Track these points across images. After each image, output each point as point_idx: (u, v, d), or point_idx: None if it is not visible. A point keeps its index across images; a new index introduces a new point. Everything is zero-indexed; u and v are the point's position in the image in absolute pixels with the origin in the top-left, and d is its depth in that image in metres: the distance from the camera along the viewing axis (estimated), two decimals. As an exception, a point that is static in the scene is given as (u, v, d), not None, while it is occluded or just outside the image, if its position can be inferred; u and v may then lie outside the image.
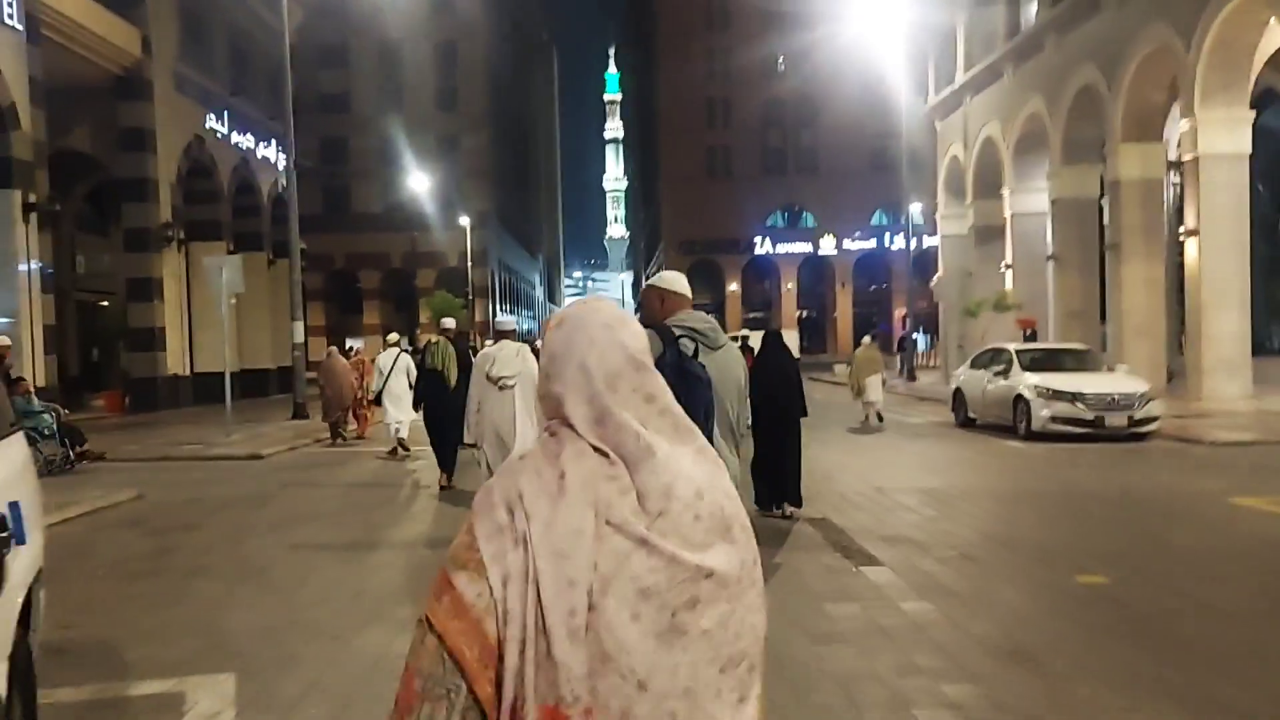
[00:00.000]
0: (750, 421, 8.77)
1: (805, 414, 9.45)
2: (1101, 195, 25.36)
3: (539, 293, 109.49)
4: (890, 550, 7.64)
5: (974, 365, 17.71)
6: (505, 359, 7.97)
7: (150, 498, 11.10)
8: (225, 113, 28.88)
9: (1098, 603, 6.25)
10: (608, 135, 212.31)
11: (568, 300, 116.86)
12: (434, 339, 11.87)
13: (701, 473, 1.37)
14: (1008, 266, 29.38)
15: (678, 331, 3.85)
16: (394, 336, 16.77)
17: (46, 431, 13.46)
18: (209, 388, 28.17)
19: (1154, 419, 14.67)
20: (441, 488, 11.17)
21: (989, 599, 6.36)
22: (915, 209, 55.36)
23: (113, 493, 10.96)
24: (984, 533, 8.53)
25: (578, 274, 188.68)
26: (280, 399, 25.43)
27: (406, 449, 14.90)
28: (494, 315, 64.77)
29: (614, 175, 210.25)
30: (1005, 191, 29.38)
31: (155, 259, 24.89)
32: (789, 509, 9.06)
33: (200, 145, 27.49)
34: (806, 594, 6.39)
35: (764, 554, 6.36)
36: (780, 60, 67.04)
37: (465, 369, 10.34)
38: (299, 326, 20.00)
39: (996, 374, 16.20)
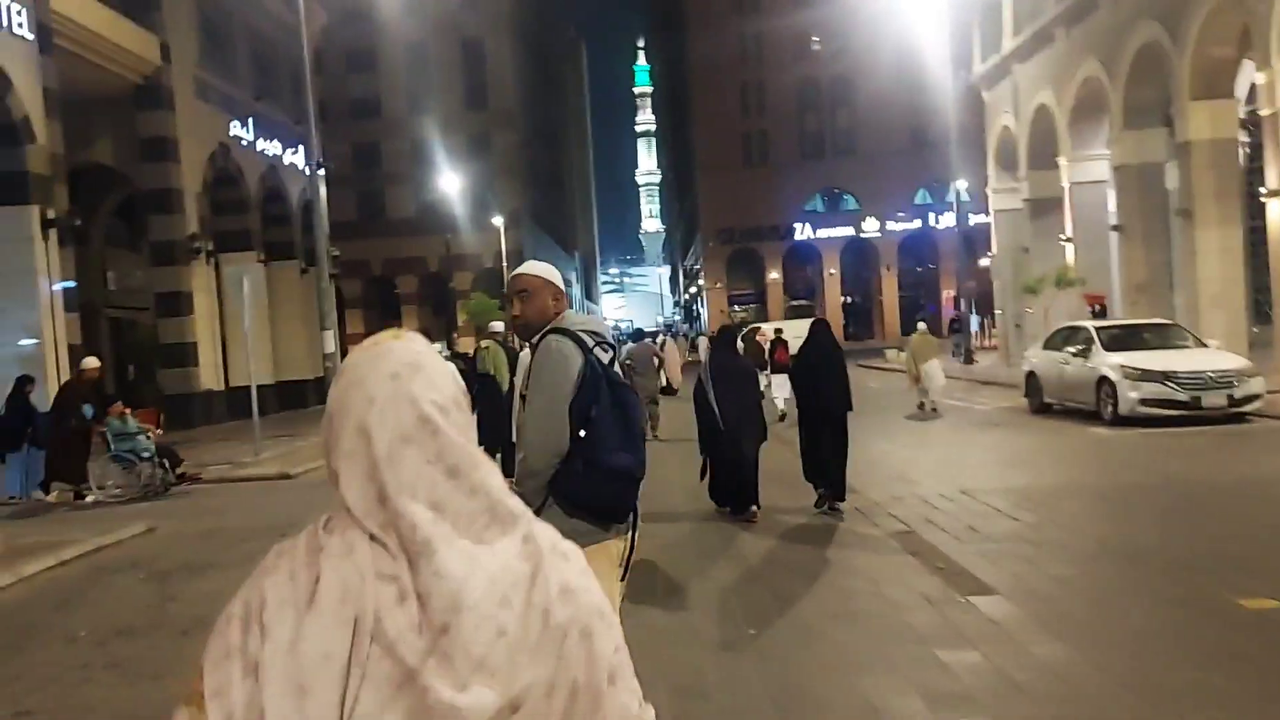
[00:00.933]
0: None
1: (850, 408, 8.90)
2: (1168, 159, 23.87)
3: (576, 290, 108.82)
4: (997, 570, 6.54)
5: (1048, 346, 16.45)
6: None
7: (162, 530, 10.22)
8: (250, 119, 28.19)
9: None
10: (639, 128, 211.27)
11: (605, 298, 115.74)
12: (485, 343, 11.61)
13: (520, 570, 1.05)
14: (1067, 240, 27.91)
15: (590, 341, 3.24)
16: (435, 346, 16.27)
17: (144, 454, 13.03)
18: (245, 402, 27.59)
19: (1256, 397, 13.36)
20: None
21: (1137, 634, 5.23)
22: (961, 186, 54.16)
23: (120, 526, 10.11)
24: (1099, 541, 7.39)
25: (614, 270, 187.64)
26: (319, 410, 24.68)
27: None
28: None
29: (647, 169, 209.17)
30: (1062, 161, 27.91)
31: (184, 272, 24.22)
32: (835, 504, 8.73)
33: (225, 153, 26.82)
34: (910, 637, 5.33)
35: (846, 581, 5.10)
36: (815, 40, 65.49)
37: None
38: (329, 336, 19.18)
39: (1075, 354, 14.93)
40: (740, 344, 10.70)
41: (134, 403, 27.31)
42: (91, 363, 13.01)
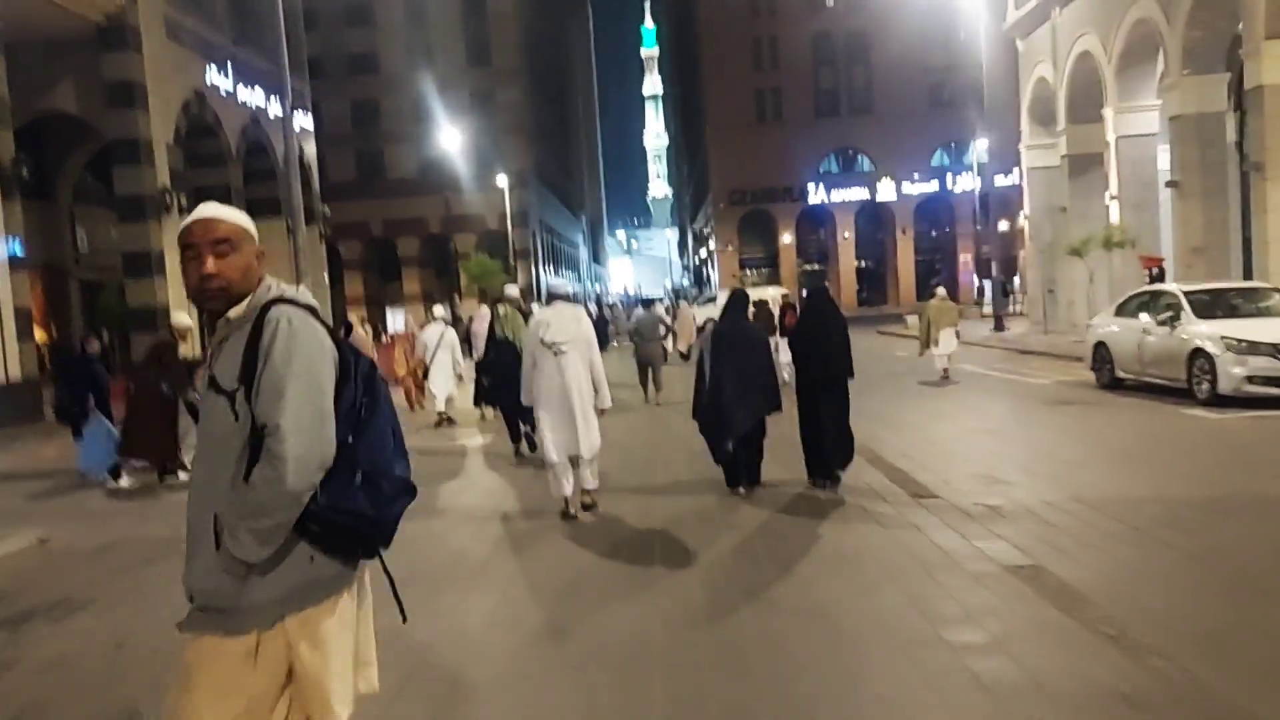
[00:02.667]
0: None
1: (852, 374, 8.59)
2: (1236, 108, 21.70)
3: (583, 254, 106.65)
4: (1199, 656, 4.55)
5: (1121, 313, 14.42)
6: (561, 323, 7.74)
7: (57, 542, 8.12)
8: (229, 66, 26.08)
9: None
10: (646, 92, 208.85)
11: (612, 262, 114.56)
12: (503, 309, 11.75)
13: None
14: (1113, 198, 25.80)
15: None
16: (439, 310, 16.69)
17: None
18: (226, 370, 25.75)
19: (1377, 373, 11.36)
20: (520, 455, 11.17)
21: None
22: (982, 146, 51.75)
23: (5, 536, 8.03)
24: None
25: (620, 234, 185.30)
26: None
27: (452, 420, 15.20)
28: (537, 278, 62.27)
29: (655, 132, 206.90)
30: (1107, 112, 25.71)
31: (154, 229, 22.21)
32: (836, 474, 8.42)
33: (201, 101, 24.74)
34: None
35: (978, 647, 4.18)
36: (831, -5, 62.82)
37: None
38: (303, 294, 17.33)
39: (1160, 323, 12.90)
40: (751, 309, 9.81)
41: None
42: (183, 320, 11.25)
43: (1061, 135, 28.57)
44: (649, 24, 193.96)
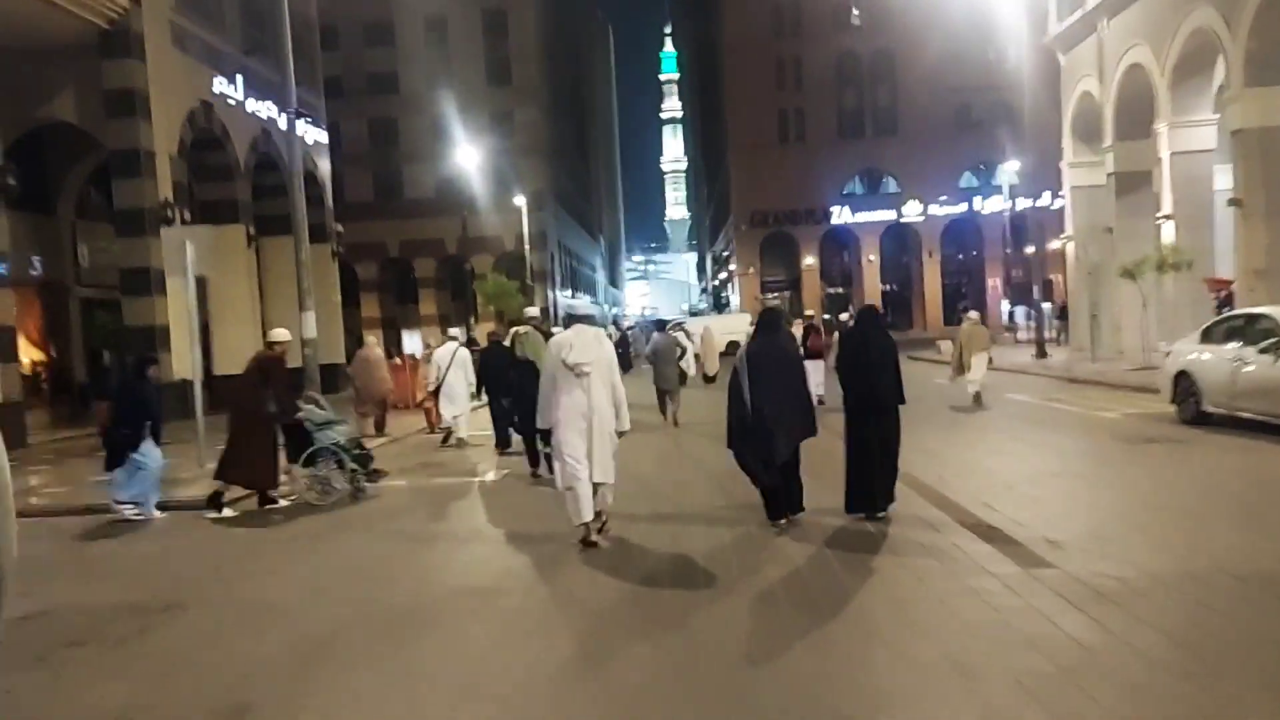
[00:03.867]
0: None
1: (903, 400, 8.24)
2: (1305, 120, 20.29)
3: (600, 276, 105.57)
4: None
5: (1208, 339, 12.99)
6: (583, 344, 7.70)
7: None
8: (239, 76, 25.04)
9: None
10: (665, 115, 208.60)
11: (629, 284, 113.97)
12: (523, 329, 11.77)
13: None
14: (1166, 217, 24.34)
15: None
16: (454, 332, 16.85)
17: (346, 444, 10.73)
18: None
19: None
20: (538, 477, 11.10)
21: None
22: (1012, 168, 50.35)
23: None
24: None
25: (638, 258, 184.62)
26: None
27: (462, 442, 15.21)
28: (554, 302, 61.09)
29: (673, 156, 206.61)
30: (1160, 126, 24.34)
31: (153, 244, 21.02)
32: (885, 511, 8.03)
33: (208, 112, 23.68)
34: None
35: None
36: (855, 15, 61.78)
37: None
38: (309, 319, 16.01)
39: (1263, 351, 11.46)
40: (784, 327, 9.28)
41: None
42: (282, 335, 10.68)
43: (1108, 152, 27.21)
44: (669, 49, 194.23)
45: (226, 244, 25.01)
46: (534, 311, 12.63)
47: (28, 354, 23.54)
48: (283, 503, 10.30)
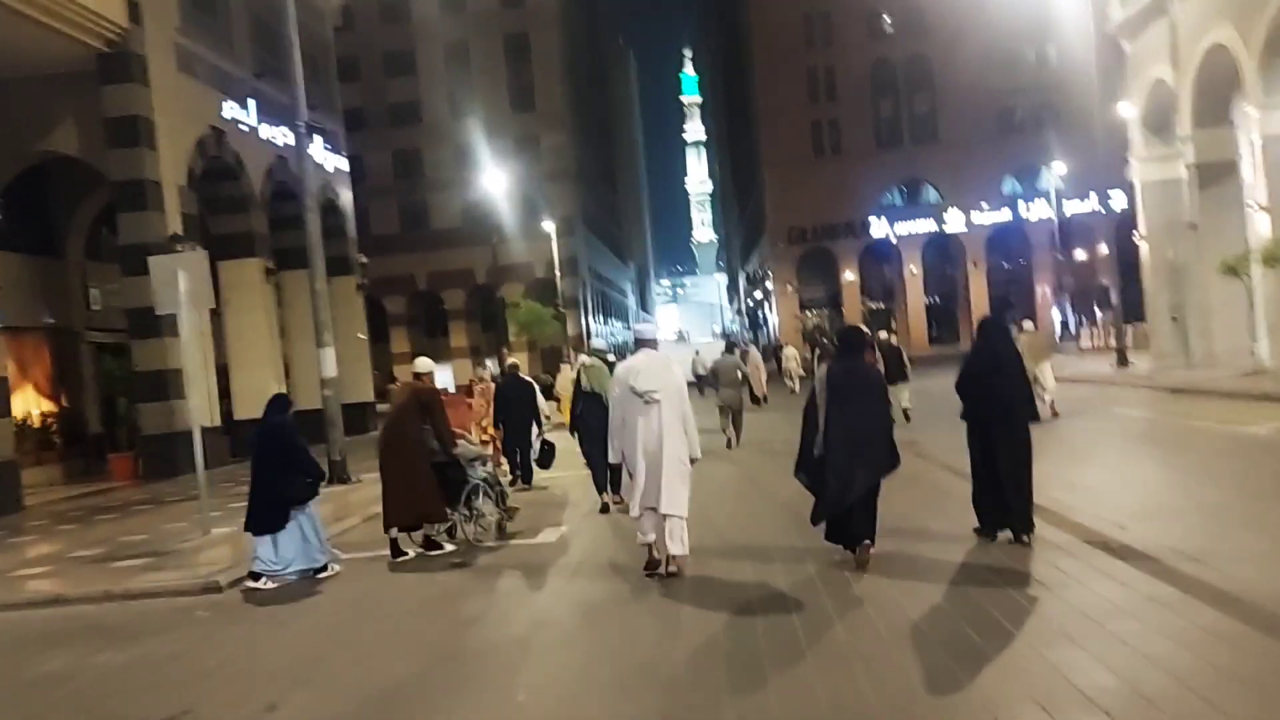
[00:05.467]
0: None
1: (1036, 417, 7.81)
2: None
3: (631, 301, 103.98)
4: None
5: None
6: (651, 371, 7.47)
7: None
8: (250, 101, 23.54)
9: None
10: (688, 138, 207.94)
11: (659, 308, 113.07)
12: (589, 361, 11.75)
13: None
14: (1262, 208, 22.19)
15: None
16: (489, 365, 16.63)
17: (493, 482, 10.02)
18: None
19: None
20: (606, 506, 10.89)
21: None
22: (1060, 171, 48.20)
23: None
24: None
25: (666, 282, 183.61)
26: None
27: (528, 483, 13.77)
28: (586, 328, 59.49)
29: (698, 179, 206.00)
30: (1249, 110, 22.24)
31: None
32: (1023, 537, 7.35)
33: (219, 140, 22.15)
34: None
35: None
36: (888, 22, 60.04)
37: None
38: (328, 356, 14.30)
39: None
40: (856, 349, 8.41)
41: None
42: (426, 365, 9.95)
43: (1187, 142, 25.07)
44: (689, 71, 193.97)
45: (244, 279, 23.55)
46: (600, 344, 12.02)
47: (37, 405, 22.01)
48: (448, 545, 9.39)
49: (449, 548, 9.36)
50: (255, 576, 8.43)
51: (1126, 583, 5.96)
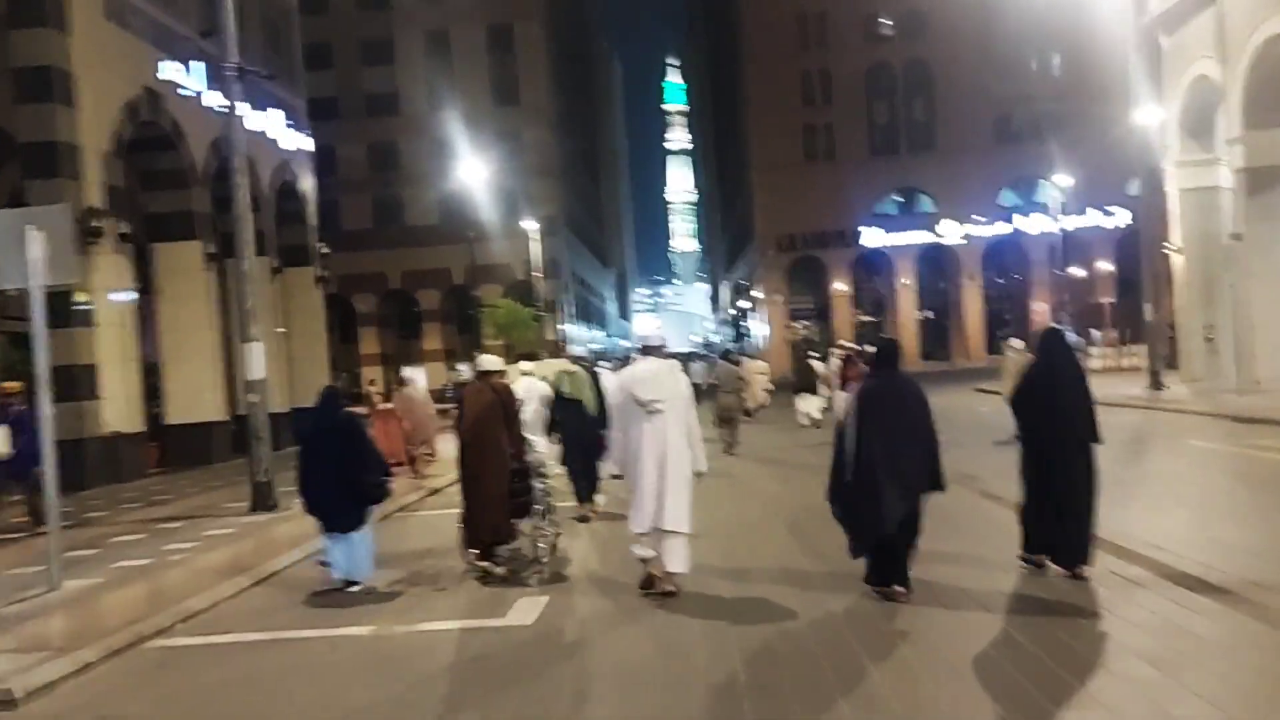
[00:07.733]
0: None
1: (1099, 439, 7.09)
2: None
3: (612, 308, 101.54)
4: None
5: None
6: (655, 379, 7.20)
7: None
8: (198, 65, 20.76)
9: None
10: (671, 147, 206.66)
11: (638, 316, 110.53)
12: (570, 369, 11.39)
13: None
14: (1326, 218, 19.94)
15: None
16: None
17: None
18: (187, 446, 20.08)
19: None
20: (586, 517, 10.68)
21: None
22: (1064, 183, 46.14)
23: None
24: None
25: (644, 290, 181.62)
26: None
27: None
28: (563, 333, 56.87)
29: (679, 187, 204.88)
30: (1314, 108, 20.00)
31: (77, 264, 16.67)
32: (1078, 571, 6.92)
33: (154, 102, 19.37)
34: None
35: None
36: (886, 23, 57.96)
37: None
38: (255, 352, 11.59)
39: None
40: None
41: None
42: (494, 362, 9.10)
43: (1236, 144, 22.84)
44: (673, 78, 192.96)
45: (181, 264, 20.77)
46: (581, 350, 10.04)
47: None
48: (499, 570, 8.36)
49: (499, 571, 8.36)
50: (350, 583, 8.04)
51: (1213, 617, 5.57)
